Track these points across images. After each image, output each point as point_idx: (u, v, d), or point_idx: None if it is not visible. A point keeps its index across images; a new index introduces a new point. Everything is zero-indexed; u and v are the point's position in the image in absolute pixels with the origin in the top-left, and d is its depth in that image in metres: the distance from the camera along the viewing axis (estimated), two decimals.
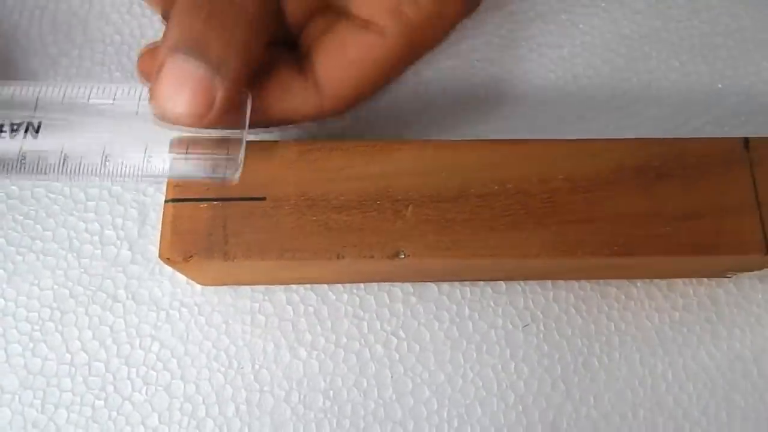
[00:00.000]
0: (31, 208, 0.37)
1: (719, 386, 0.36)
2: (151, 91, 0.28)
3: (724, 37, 0.42)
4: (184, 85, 0.28)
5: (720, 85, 0.41)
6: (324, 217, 0.30)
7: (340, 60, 0.32)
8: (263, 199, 0.31)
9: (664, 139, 0.32)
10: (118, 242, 0.37)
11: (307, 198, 0.31)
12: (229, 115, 0.29)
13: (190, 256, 0.30)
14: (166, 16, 0.31)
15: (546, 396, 0.35)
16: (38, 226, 0.37)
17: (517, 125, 0.39)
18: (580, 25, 0.42)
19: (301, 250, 0.30)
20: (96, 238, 0.37)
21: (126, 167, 0.29)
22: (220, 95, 0.28)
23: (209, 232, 0.30)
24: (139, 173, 0.29)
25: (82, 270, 0.36)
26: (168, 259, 0.30)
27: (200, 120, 0.28)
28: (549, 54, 0.41)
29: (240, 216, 0.30)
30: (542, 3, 0.42)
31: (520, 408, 0.35)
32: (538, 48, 0.41)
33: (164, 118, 0.29)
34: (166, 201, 0.31)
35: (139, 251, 0.37)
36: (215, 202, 0.31)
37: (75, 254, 0.37)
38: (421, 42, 0.33)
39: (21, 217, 0.37)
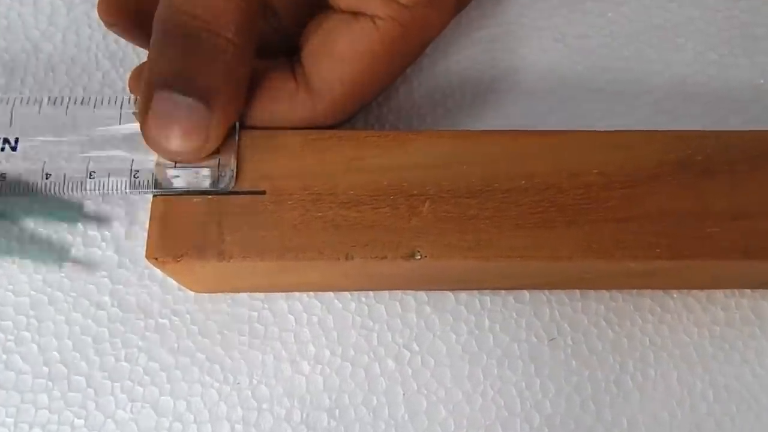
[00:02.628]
0: (7, 206, 0.35)
1: (765, 408, 0.34)
2: (141, 129, 0.28)
3: (767, 28, 0.40)
4: (173, 122, 0.27)
5: (762, 81, 0.38)
6: (331, 214, 0.29)
7: (329, 57, 0.30)
8: (263, 193, 0.29)
9: (709, 131, 0.30)
10: (103, 244, 0.35)
11: (313, 192, 0.29)
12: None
13: (181, 256, 0.28)
14: None
15: (575, 417, 0.33)
16: (14, 227, 0.35)
17: (540, 121, 0.37)
18: (609, 14, 0.40)
19: (305, 250, 0.28)
20: (78, 239, 0.35)
21: (112, 183, 0.29)
22: (214, 125, 0.27)
23: (202, 229, 0.29)
24: (126, 189, 0.29)
25: (63, 274, 0.35)
26: (156, 259, 0.28)
27: (198, 154, 0.28)
28: (574, 45, 0.39)
29: (237, 211, 0.29)
30: None
31: (546, 430, 0.33)
32: (562, 38, 0.39)
33: (160, 155, 0.28)
34: (154, 194, 0.29)
35: (127, 254, 0.35)
36: (209, 196, 0.29)
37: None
38: (416, 33, 0.31)
39: None
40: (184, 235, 0.28)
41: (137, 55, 0.38)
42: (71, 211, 0.34)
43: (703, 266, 0.30)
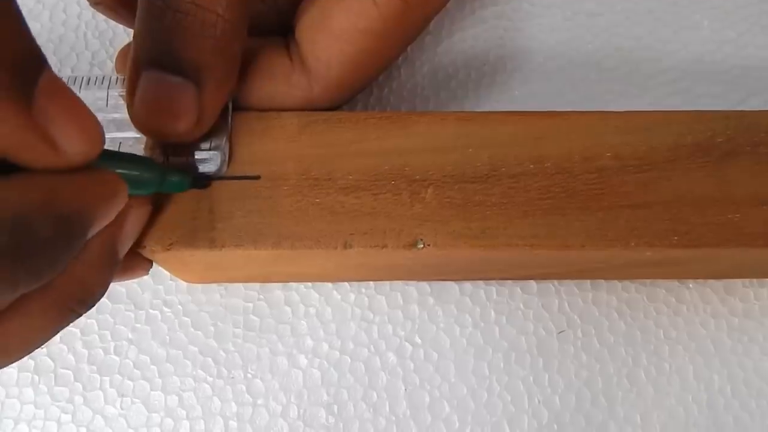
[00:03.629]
0: None
1: None
2: (128, 110, 0.27)
3: None
4: (161, 103, 0.26)
5: None
6: (329, 200, 0.28)
7: (325, 35, 0.29)
8: (258, 177, 0.28)
9: (731, 111, 0.29)
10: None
11: (310, 177, 0.28)
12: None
13: (171, 245, 0.27)
14: None
15: (585, 414, 0.32)
16: None
17: (549, 102, 0.36)
18: None
19: (301, 238, 0.27)
20: None
21: None
22: (205, 105, 0.26)
23: (193, 215, 0.27)
24: None
25: None
26: (144, 247, 0.27)
27: (188, 136, 0.27)
28: (586, 23, 0.38)
29: (230, 197, 0.28)
30: None
31: (555, 427, 0.32)
32: (573, 16, 0.38)
33: (150, 137, 0.27)
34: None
35: None
36: None
37: None
38: (417, 8, 0.29)
39: None
40: (174, 223, 0.27)
41: (128, 34, 0.37)
42: None
43: (724, 255, 0.28)
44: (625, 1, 0.38)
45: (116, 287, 0.33)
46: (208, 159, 0.27)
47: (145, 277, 0.33)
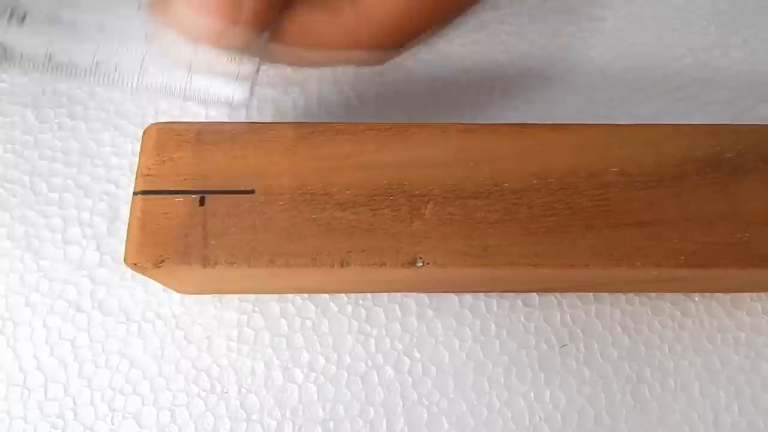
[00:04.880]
0: None
1: None
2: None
3: None
4: None
5: None
6: (326, 216, 0.27)
7: None
8: (252, 192, 0.27)
9: (741, 125, 0.28)
10: (84, 241, 0.34)
11: (306, 191, 0.27)
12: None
13: (162, 261, 0.27)
14: None
15: (588, 431, 0.32)
16: None
17: (553, 111, 0.35)
18: None
19: (296, 256, 0.27)
20: (58, 236, 0.34)
21: (120, 74, 0.28)
22: (248, 4, 0.25)
23: (186, 231, 0.27)
24: (133, 82, 0.28)
25: (41, 274, 0.33)
26: (135, 264, 0.27)
27: (225, 35, 0.25)
28: (590, 28, 0.37)
29: (223, 212, 0.27)
30: None
31: None
32: (577, 21, 0.37)
33: (182, 32, 0.26)
34: (134, 193, 0.28)
35: (108, 252, 0.34)
36: (194, 196, 0.27)
37: (33, 255, 0.34)
38: None
39: None
40: (166, 239, 0.27)
41: None
42: None
43: (733, 275, 0.28)
44: (630, 6, 0.37)
45: (107, 299, 0.33)
46: (233, 85, 0.27)
47: (138, 289, 0.33)
